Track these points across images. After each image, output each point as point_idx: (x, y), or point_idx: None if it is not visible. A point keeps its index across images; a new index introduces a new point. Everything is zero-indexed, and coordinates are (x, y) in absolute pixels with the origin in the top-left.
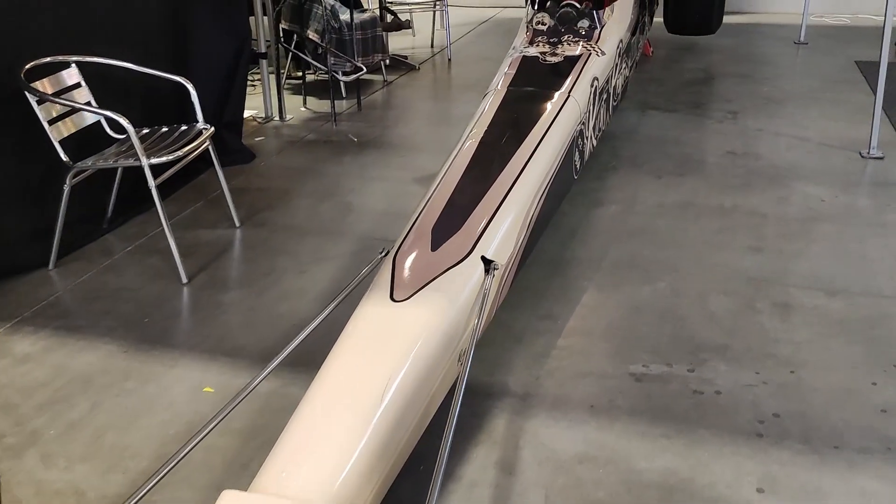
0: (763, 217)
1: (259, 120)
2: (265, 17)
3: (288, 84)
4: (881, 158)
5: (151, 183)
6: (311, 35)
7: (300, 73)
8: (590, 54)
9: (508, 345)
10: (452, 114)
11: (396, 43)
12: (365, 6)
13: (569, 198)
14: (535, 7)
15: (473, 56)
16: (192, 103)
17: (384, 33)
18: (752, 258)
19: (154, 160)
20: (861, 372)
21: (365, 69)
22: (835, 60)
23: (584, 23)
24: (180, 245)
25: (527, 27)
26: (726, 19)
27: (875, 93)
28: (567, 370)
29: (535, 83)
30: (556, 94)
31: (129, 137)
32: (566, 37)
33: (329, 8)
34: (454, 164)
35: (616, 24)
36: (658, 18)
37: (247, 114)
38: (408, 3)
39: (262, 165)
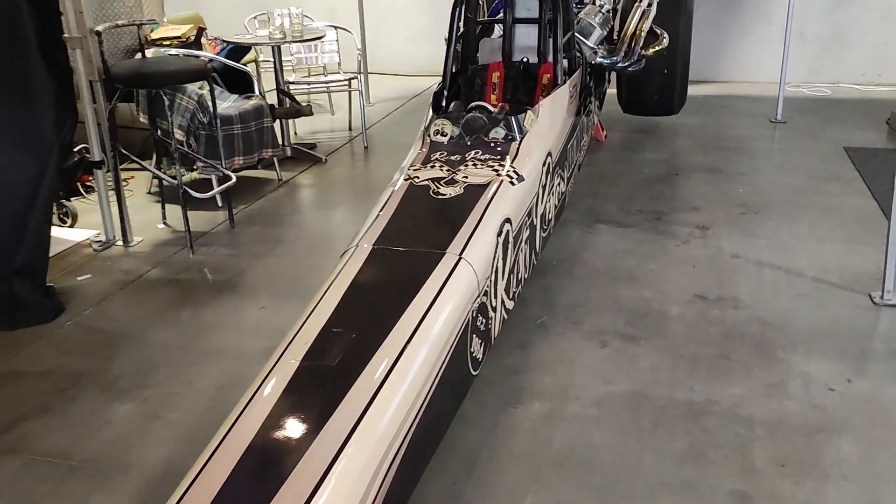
0: (749, 426)
1: (96, 246)
2: (99, 115)
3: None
4: None
5: None
6: (176, 133)
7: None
8: (500, 183)
9: None
10: (347, 232)
11: (309, 126)
12: (266, 87)
13: (473, 389)
14: (435, 110)
15: (396, 141)
16: None
17: (286, 120)
18: None
19: None
20: None
21: (234, 178)
22: (819, 146)
23: (499, 132)
24: None
25: (423, 137)
26: (692, 89)
27: (875, 196)
28: None
29: (414, 237)
30: (444, 257)
31: None
32: (473, 153)
33: (196, 98)
34: (269, 386)
35: (543, 131)
36: (613, 89)
37: (82, 237)
38: (314, 83)
39: (68, 326)
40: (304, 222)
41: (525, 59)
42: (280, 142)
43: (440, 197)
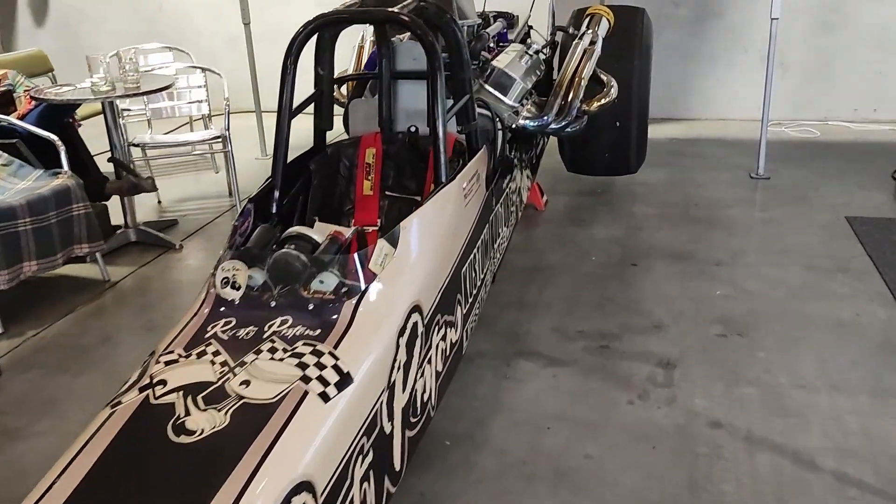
0: None
1: None
2: None
3: None
4: None
5: None
6: None
7: None
8: (302, 398)
9: None
10: None
11: (180, 191)
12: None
13: None
14: (231, 242)
15: None
16: None
17: (128, 198)
18: None
19: None
20: None
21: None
22: (814, 216)
23: (326, 282)
24: None
25: (206, 289)
26: (655, 130)
27: None
28: None
29: None
30: None
31: None
32: (278, 323)
33: None
34: None
35: (408, 269)
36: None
37: None
38: (167, 144)
39: None
40: (111, 363)
41: (413, 129)
42: (124, 222)
43: (180, 441)
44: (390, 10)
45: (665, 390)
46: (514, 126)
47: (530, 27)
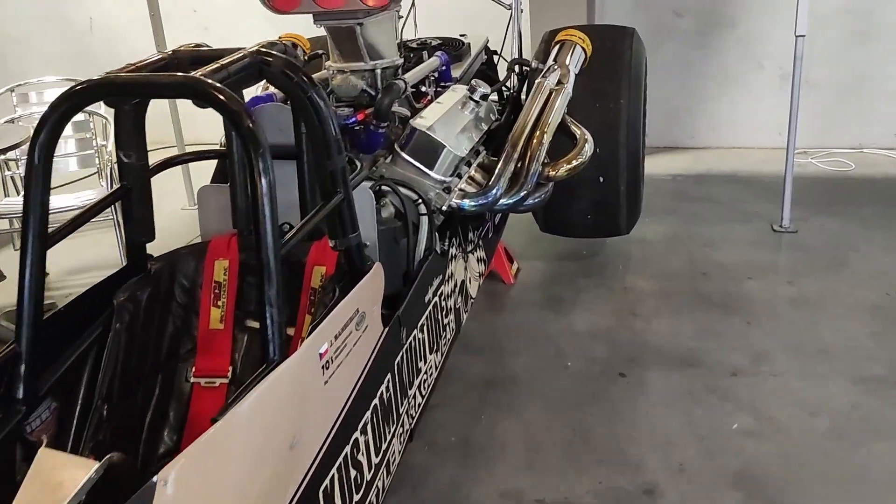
0: None
1: None
2: None
3: None
4: None
5: None
6: None
7: None
8: None
9: None
10: None
11: (73, 258)
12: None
13: None
14: None
15: None
16: None
17: None
18: None
19: None
20: None
21: None
22: (859, 292)
23: None
24: None
25: None
26: (655, 163)
27: None
28: None
29: None
30: None
31: None
32: None
33: None
34: None
35: None
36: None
37: None
38: None
39: None
40: None
41: (285, 228)
42: None
43: None
44: (191, 75)
45: None
46: (442, 210)
47: (493, 53)
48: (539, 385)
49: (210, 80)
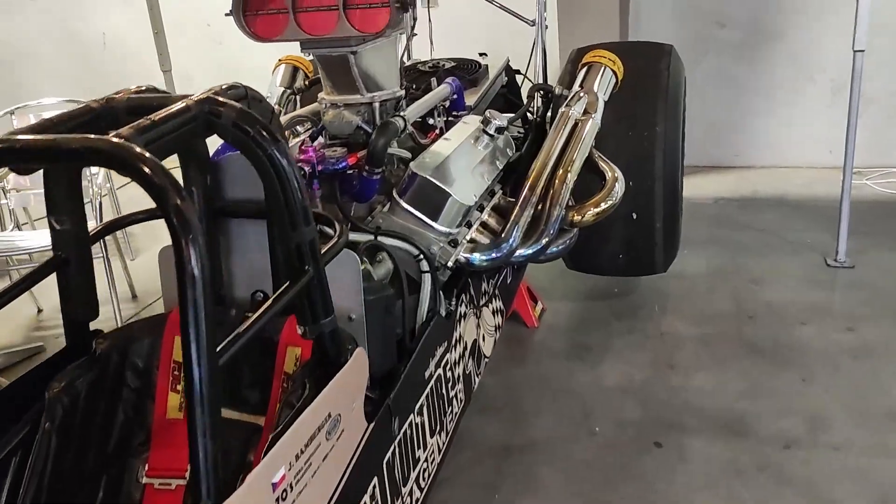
0: None
1: None
2: None
3: None
4: None
5: None
6: None
7: None
8: None
9: None
10: None
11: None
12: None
13: None
14: None
15: None
16: None
17: None
18: None
19: None
20: None
21: None
22: None
23: None
24: None
25: None
26: (694, 186)
27: None
28: None
29: None
30: None
31: None
32: None
33: None
34: None
35: None
36: None
37: None
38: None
39: None
40: None
41: (259, 296)
42: None
43: None
44: (106, 137)
45: None
46: (450, 265)
47: (516, 73)
48: (562, 454)
49: (128, 145)
